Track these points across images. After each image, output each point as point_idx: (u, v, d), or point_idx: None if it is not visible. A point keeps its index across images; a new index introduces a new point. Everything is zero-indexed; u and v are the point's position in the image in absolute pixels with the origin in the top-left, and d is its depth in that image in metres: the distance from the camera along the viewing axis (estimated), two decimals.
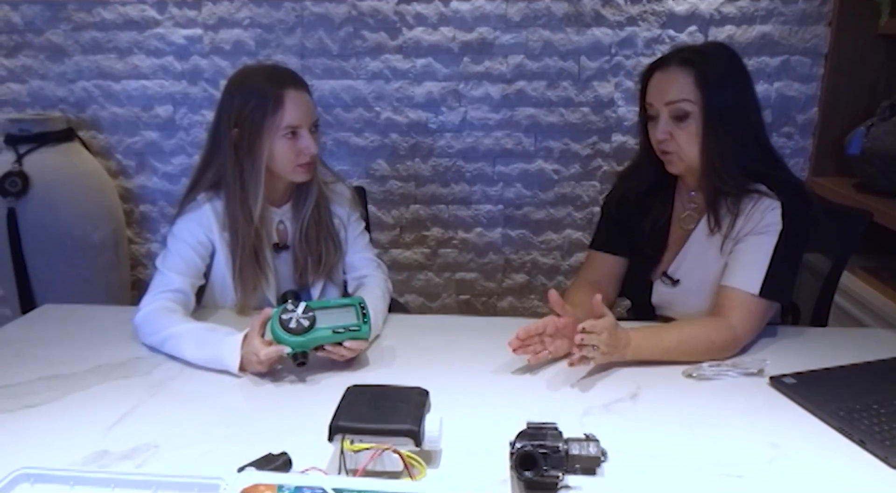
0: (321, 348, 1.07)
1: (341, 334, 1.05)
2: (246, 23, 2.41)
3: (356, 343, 1.09)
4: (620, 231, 1.36)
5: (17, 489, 0.73)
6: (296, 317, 1.04)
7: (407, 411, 0.82)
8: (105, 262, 2.44)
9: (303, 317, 1.05)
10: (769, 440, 0.91)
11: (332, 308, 1.09)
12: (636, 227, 1.34)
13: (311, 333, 1.04)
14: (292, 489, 0.65)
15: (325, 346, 1.06)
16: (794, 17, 2.28)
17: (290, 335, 1.03)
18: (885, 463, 0.85)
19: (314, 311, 1.07)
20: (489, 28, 2.35)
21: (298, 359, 1.05)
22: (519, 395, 1.04)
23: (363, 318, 1.08)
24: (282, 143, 1.27)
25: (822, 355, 1.16)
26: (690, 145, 1.21)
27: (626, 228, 1.35)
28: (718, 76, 1.20)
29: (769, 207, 1.20)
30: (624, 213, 1.35)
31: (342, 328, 1.05)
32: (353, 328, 1.06)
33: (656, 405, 1.01)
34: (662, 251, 1.34)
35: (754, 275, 1.17)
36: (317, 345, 1.06)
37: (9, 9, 2.47)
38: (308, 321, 1.04)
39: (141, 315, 1.20)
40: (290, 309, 1.06)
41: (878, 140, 2.04)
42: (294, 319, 1.04)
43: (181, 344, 1.12)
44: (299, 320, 1.04)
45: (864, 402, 0.97)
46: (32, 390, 1.04)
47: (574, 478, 0.81)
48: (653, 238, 1.34)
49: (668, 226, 1.34)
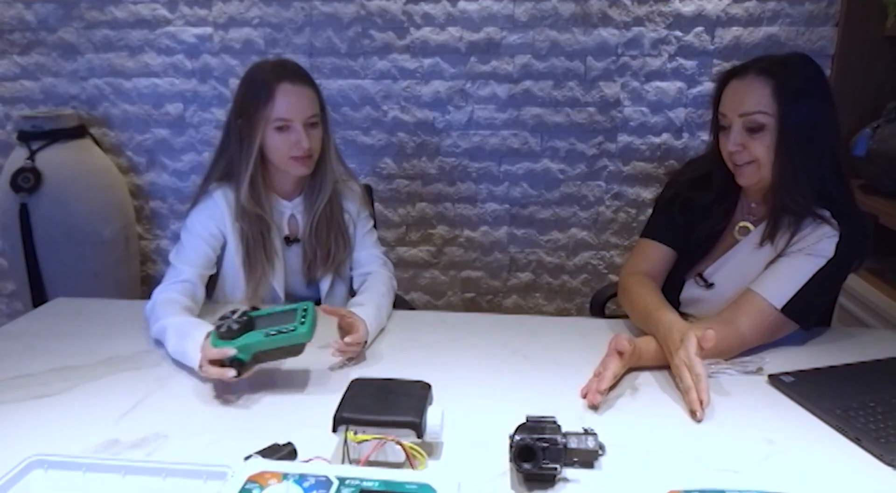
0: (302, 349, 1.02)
1: (274, 336, 0.99)
2: (255, 22, 2.44)
3: (355, 337, 1.10)
4: (678, 227, 1.33)
5: (30, 476, 0.75)
6: (227, 323, 1.01)
7: (409, 403, 0.84)
8: (115, 257, 2.47)
9: (235, 322, 1.01)
10: (765, 437, 0.92)
11: (272, 314, 1.04)
12: (693, 228, 1.31)
13: (242, 338, 1.00)
14: (297, 476, 0.67)
15: (330, 342, 1.08)
16: (800, 18, 2.28)
17: (222, 341, 1.00)
18: (881, 461, 0.86)
19: (252, 317, 1.03)
20: (496, 28, 2.37)
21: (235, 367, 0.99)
22: (519, 390, 1.05)
23: (301, 320, 1.01)
24: (273, 135, 1.29)
25: (823, 354, 1.17)
26: (764, 159, 1.17)
27: (683, 227, 1.32)
28: (798, 90, 1.15)
29: (826, 235, 1.17)
30: (686, 214, 1.32)
31: (275, 331, 0.99)
32: (285, 330, 0.99)
33: (654, 401, 1.03)
34: (706, 254, 1.33)
35: (784, 290, 1.15)
36: (253, 352, 1.00)
37: (22, 7, 2.51)
38: (239, 325, 1.00)
39: (149, 306, 1.23)
40: (226, 316, 1.03)
41: (884, 142, 2.04)
42: (226, 324, 1.01)
43: (167, 335, 1.13)
44: (230, 325, 1.00)
45: (861, 400, 0.98)
46: (44, 381, 1.06)
47: (572, 471, 0.82)
48: (704, 241, 1.32)
49: (721, 232, 1.32)
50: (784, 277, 1.17)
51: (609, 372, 1.01)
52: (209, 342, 1.01)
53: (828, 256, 1.16)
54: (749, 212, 1.30)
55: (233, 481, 0.67)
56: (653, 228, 1.37)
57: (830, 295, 1.24)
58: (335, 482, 0.67)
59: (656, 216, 1.38)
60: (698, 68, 2.34)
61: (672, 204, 1.34)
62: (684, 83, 2.36)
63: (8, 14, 2.52)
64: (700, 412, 0.96)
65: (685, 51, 2.34)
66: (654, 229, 1.36)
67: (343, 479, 0.67)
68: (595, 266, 2.58)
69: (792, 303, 1.15)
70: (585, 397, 1.01)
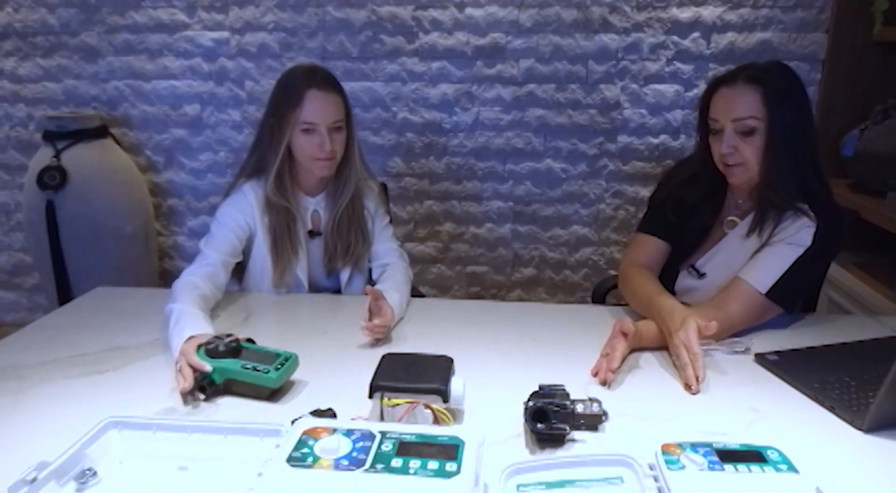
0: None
1: (247, 371, 1.03)
2: (271, 27, 2.54)
3: (383, 319, 1.21)
4: (671, 223, 1.43)
5: (106, 435, 0.86)
6: (218, 343, 1.06)
7: (435, 373, 0.94)
8: (136, 252, 2.57)
9: (224, 345, 1.05)
10: (750, 406, 1.03)
11: (259, 352, 1.08)
12: (685, 224, 1.42)
13: (222, 361, 1.04)
14: (345, 430, 0.78)
15: (362, 323, 1.19)
16: (792, 24, 2.38)
17: (206, 357, 1.05)
18: (851, 425, 0.97)
19: (240, 348, 1.07)
20: (501, 33, 2.47)
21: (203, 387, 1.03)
22: (530, 366, 1.16)
23: (278, 367, 1.04)
24: (300, 136, 1.40)
25: (805, 337, 1.27)
26: (755, 159, 1.27)
27: (676, 223, 1.43)
28: (783, 95, 1.24)
29: (805, 226, 1.28)
30: (678, 212, 1.42)
31: (251, 366, 1.03)
32: (259, 369, 1.03)
33: (653, 376, 1.13)
34: (697, 247, 1.44)
35: (768, 276, 1.26)
36: (224, 376, 1.04)
37: (46, 11, 2.61)
38: (226, 350, 1.05)
39: (174, 286, 1.31)
40: (221, 337, 1.08)
41: (871, 142, 2.13)
42: (216, 344, 1.05)
43: (171, 318, 1.21)
44: (218, 346, 1.05)
45: (837, 376, 1.09)
46: (100, 359, 1.17)
47: (579, 433, 0.93)
48: (695, 235, 1.43)
49: (710, 226, 1.43)
50: (768, 264, 1.28)
51: (617, 352, 1.12)
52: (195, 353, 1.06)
53: (806, 244, 1.27)
54: (736, 207, 1.40)
55: (290, 435, 0.78)
56: (648, 223, 1.47)
57: (811, 280, 1.35)
58: (378, 435, 0.77)
59: (651, 213, 1.49)
60: (695, 72, 2.45)
61: (665, 203, 1.44)
62: (681, 86, 2.47)
63: (32, 18, 2.62)
64: (695, 385, 1.07)
65: (682, 55, 2.44)
66: (650, 225, 1.47)
67: (384, 433, 0.78)
68: (596, 262, 2.68)
69: (775, 288, 1.26)
70: (596, 375, 1.11)
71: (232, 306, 1.42)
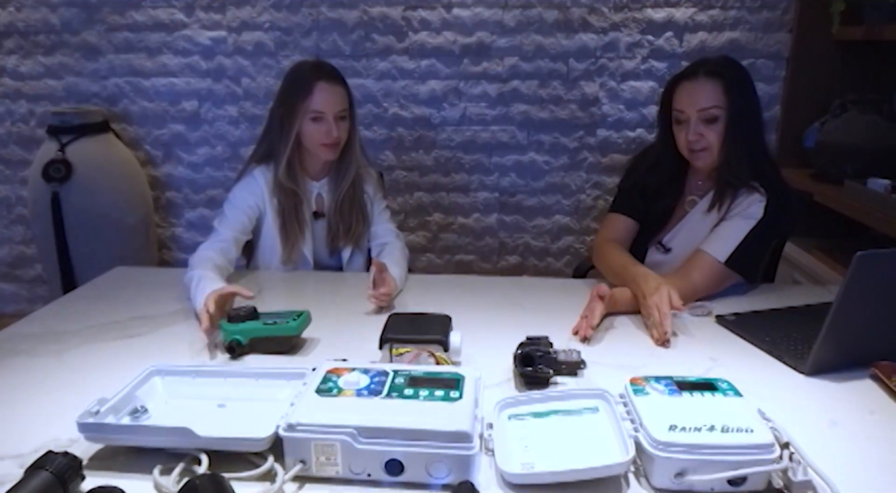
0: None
1: (269, 326, 1.15)
2: (266, 26, 2.65)
3: (388, 288, 1.35)
4: (639, 206, 1.58)
5: (151, 381, 0.98)
6: (237, 312, 1.17)
7: (437, 327, 1.08)
8: (137, 243, 2.67)
9: (244, 311, 1.17)
10: (710, 356, 1.17)
11: (274, 313, 1.19)
12: (651, 205, 1.57)
13: (245, 324, 1.15)
14: (362, 369, 0.91)
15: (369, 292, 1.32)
16: (759, 24, 2.55)
17: (229, 324, 1.16)
18: (795, 370, 1.12)
19: (258, 313, 1.18)
20: (487, 33, 2.61)
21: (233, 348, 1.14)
22: (518, 326, 1.28)
23: (295, 318, 1.17)
24: (309, 124, 1.53)
25: (762, 302, 1.42)
26: (716, 144, 1.42)
27: (643, 205, 1.58)
28: (739, 86, 1.41)
29: (756, 200, 1.43)
30: (644, 196, 1.57)
31: (272, 322, 1.15)
32: (282, 322, 1.15)
33: (626, 334, 1.28)
34: (663, 225, 1.59)
35: (726, 246, 1.42)
36: (249, 336, 1.15)
37: (47, 11, 2.70)
38: (246, 314, 1.16)
39: (190, 258, 1.45)
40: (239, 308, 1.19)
41: (830, 134, 2.29)
42: (236, 313, 1.17)
43: (190, 286, 1.34)
44: (239, 313, 1.17)
45: (786, 332, 1.24)
46: (130, 326, 1.29)
47: (561, 378, 1.07)
48: (661, 215, 1.58)
49: (674, 206, 1.58)
50: (725, 236, 1.43)
51: (596, 312, 1.26)
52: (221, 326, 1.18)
53: (758, 216, 1.43)
54: (696, 188, 1.57)
55: (316, 374, 0.91)
56: (619, 204, 1.63)
57: (764, 249, 1.51)
58: (391, 372, 0.91)
59: (621, 195, 1.65)
60: (668, 69, 2.60)
61: (633, 188, 1.59)
62: (656, 83, 2.62)
63: (34, 17, 2.71)
64: (664, 341, 1.21)
65: (657, 54, 2.60)
66: (620, 205, 1.62)
67: (397, 371, 0.91)
68: (577, 249, 2.83)
69: (733, 257, 1.41)
70: (577, 334, 1.25)
71: (245, 281, 1.54)
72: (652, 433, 0.80)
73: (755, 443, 0.78)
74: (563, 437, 0.87)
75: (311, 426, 0.79)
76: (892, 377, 1.05)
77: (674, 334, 1.25)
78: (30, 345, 1.20)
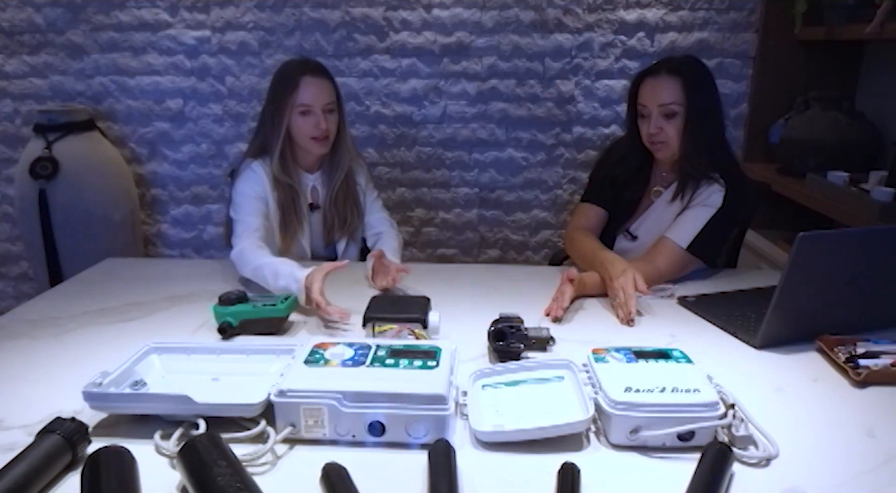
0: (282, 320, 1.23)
1: (259, 308, 1.21)
2: (250, 26, 2.71)
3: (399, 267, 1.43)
4: (608, 194, 1.67)
5: (148, 359, 1.04)
6: (228, 295, 1.22)
7: (416, 307, 1.16)
8: (123, 239, 2.72)
9: (234, 295, 1.22)
10: (669, 332, 1.26)
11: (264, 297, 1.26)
12: (619, 195, 1.66)
13: (235, 307, 1.21)
14: (347, 343, 0.99)
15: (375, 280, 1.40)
16: (726, 25, 2.65)
17: (221, 307, 1.21)
18: (747, 344, 1.21)
19: (247, 296, 1.23)
20: (466, 33, 2.68)
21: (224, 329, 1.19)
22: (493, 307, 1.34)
23: (283, 301, 1.22)
24: (298, 118, 1.59)
25: (721, 285, 1.52)
26: (676, 137, 1.51)
27: (611, 195, 1.67)
28: (699, 84, 1.50)
29: (716, 190, 1.53)
30: (613, 187, 1.66)
31: (261, 304, 1.21)
32: (269, 305, 1.21)
33: (593, 315, 1.37)
34: (631, 215, 1.68)
35: (688, 233, 1.51)
36: (240, 318, 1.20)
37: (32, 10, 2.73)
38: (236, 298, 1.21)
39: (235, 252, 1.47)
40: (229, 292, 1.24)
41: (794, 130, 2.39)
42: (227, 296, 1.22)
43: (265, 275, 1.38)
44: (230, 297, 1.22)
45: (741, 311, 1.33)
46: (125, 311, 1.35)
47: (531, 353, 1.15)
48: (628, 205, 1.67)
49: (640, 197, 1.67)
50: (687, 224, 1.53)
51: (566, 294, 1.35)
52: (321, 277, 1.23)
53: (718, 205, 1.52)
54: (661, 179, 1.66)
55: (303, 348, 0.99)
56: (589, 194, 1.72)
57: (724, 236, 1.60)
58: (374, 345, 0.98)
59: (591, 186, 1.74)
60: (641, 68, 2.66)
61: (603, 180, 1.68)
62: (629, 81, 2.68)
63: (19, 17, 2.74)
64: (629, 320, 1.30)
65: (629, 53, 2.69)
66: (590, 195, 1.72)
67: (378, 345, 0.99)
68: (555, 243, 2.92)
69: (694, 243, 1.51)
70: (548, 314, 1.34)
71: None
72: (609, 394, 0.88)
73: (702, 402, 0.87)
74: (531, 402, 0.95)
75: (300, 391, 0.87)
76: (834, 349, 1.15)
77: (638, 313, 1.33)
78: (27, 329, 1.26)
